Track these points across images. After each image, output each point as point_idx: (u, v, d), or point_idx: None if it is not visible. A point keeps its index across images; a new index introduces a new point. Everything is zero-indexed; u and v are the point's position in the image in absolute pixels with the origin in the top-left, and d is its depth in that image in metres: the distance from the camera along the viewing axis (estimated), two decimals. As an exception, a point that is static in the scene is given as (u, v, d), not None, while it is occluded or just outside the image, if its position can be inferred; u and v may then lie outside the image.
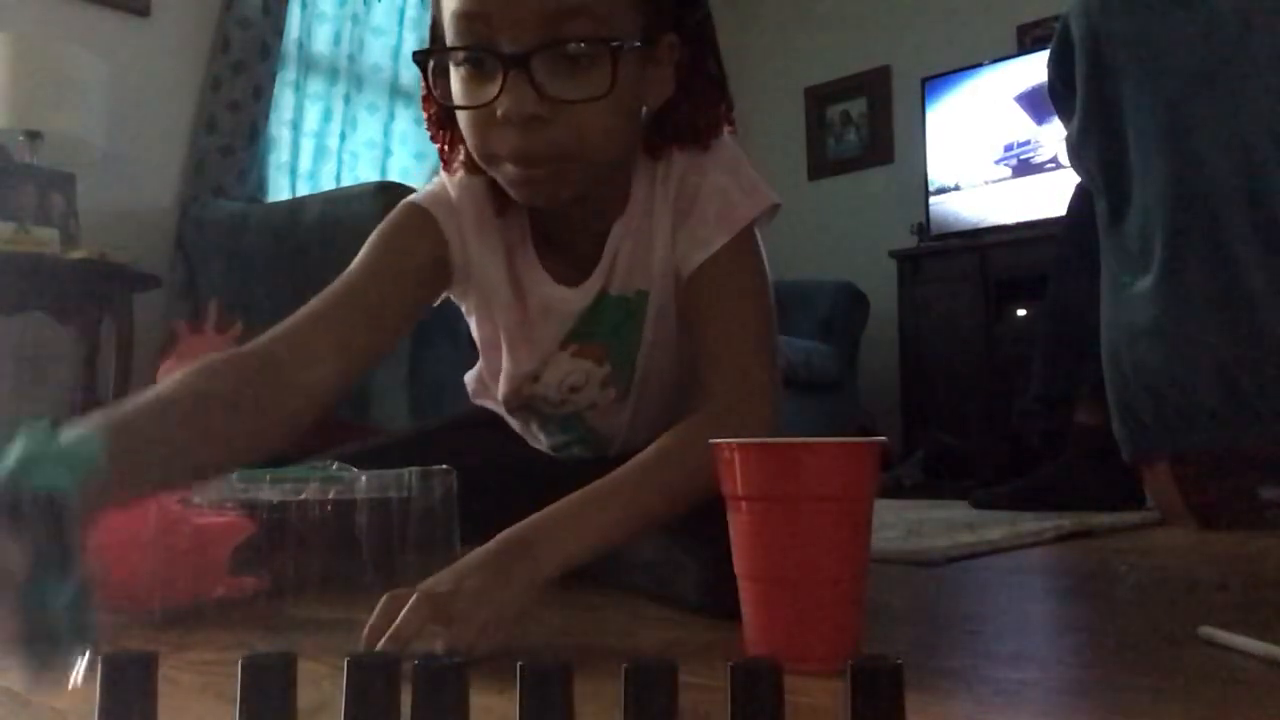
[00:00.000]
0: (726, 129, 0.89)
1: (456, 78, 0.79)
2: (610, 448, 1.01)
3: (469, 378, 1.11)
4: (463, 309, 1.00)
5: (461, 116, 0.80)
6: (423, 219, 0.89)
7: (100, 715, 0.35)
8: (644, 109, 0.85)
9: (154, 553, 0.76)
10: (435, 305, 0.96)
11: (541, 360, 0.95)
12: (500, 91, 0.74)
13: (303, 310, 0.82)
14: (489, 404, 1.09)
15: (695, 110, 0.87)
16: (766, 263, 0.89)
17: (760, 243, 0.89)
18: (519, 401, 1.01)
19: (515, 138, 0.75)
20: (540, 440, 1.07)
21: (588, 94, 0.74)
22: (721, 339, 0.84)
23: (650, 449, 0.77)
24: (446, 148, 0.90)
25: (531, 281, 0.92)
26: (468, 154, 0.85)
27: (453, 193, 0.90)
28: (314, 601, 0.84)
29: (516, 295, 0.92)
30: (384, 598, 0.62)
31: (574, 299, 0.91)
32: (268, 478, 0.87)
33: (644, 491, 0.74)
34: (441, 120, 0.88)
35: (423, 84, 0.86)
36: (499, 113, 0.74)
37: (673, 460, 0.76)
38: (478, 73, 0.76)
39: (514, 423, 1.07)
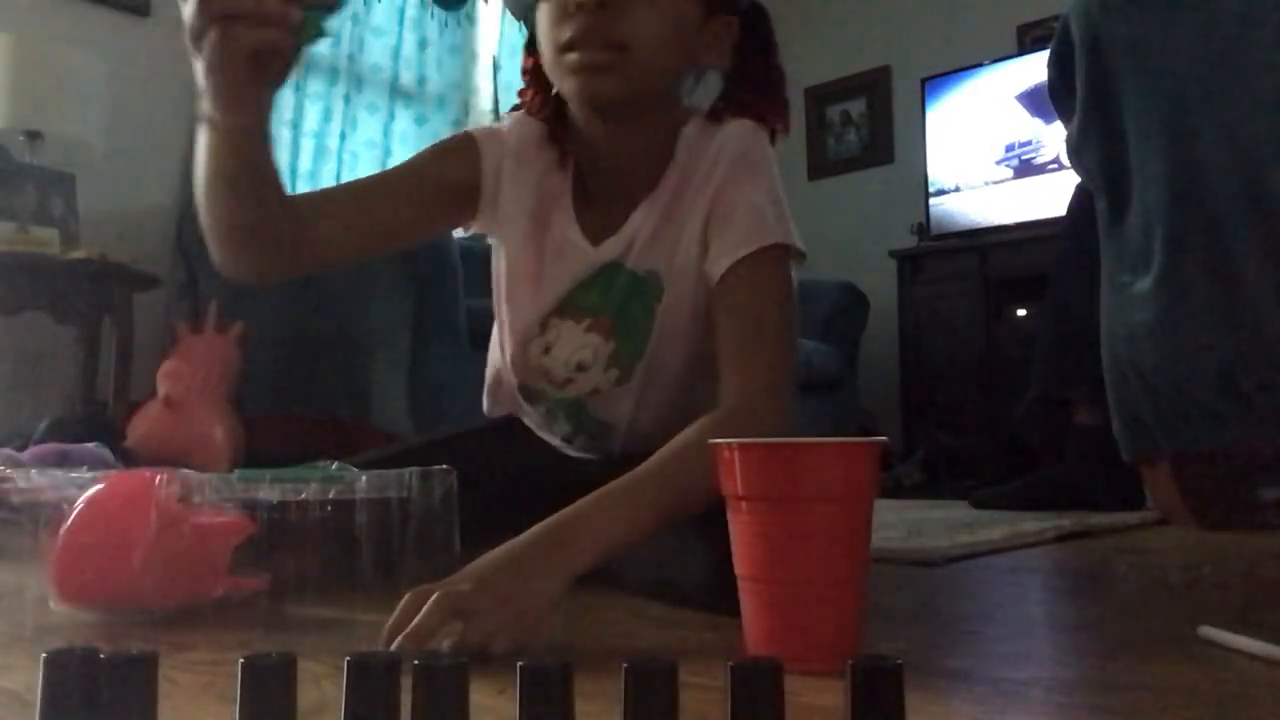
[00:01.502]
0: (778, 126, 0.99)
1: None
2: (614, 440, 1.02)
3: (485, 392, 1.13)
4: (492, 246, 1.06)
5: (542, 18, 0.91)
6: (466, 142, 1.00)
7: (100, 715, 0.35)
8: (694, 68, 0.97)
9: (154, 553, 0.76)
10: (466, 232, 1.04)
11: (546, 308, 0.99)
12: None
13: (329, 186, 0.96)
14: (506, 408, 1.10)
15: (752, 89, 0.98)
16: (795, 282, 0.93)
17: (791, 273, 0.94)
18: (527, 380, 1.03)
19: (584, 21, 0.86)
20: (550, 431, 1.08)
21: None
22: (743, 342, 0.87)
23: (667, 447, 0.79)
24: (536, 100, 1.00)
25: (558, 221, 0.99)
26: (542, 103, 0.99)
27: (506, 125, 1.01)
28: (314, 601, 0.84)
29: (536, 230, 0.99)
30: (407, 595, 0.63)
31: (591, 254, 0.97)
32: (268, 478, 0.87)
33: (665, 489, 0.75)
34: (540, 76, 0.97)
35: (524, 57, 1.02)
36: (572, 2, 0.86)
37: (691, 458, 0.76)
38: None
39: (527, 413, 1.08)
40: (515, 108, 1.04)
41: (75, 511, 0.78)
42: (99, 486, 0.81)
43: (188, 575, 0.79)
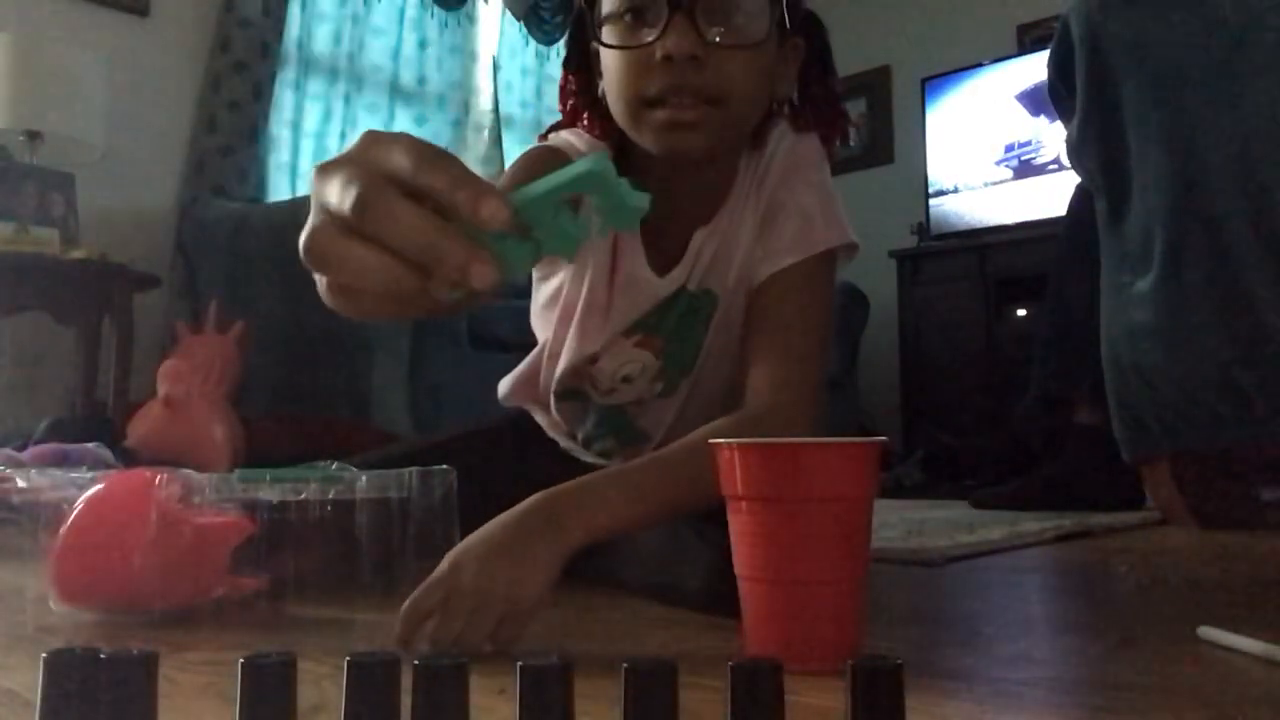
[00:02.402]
0: (838, 140, 0.97)
1: (613, 35, 0.85)
2: (645, 449, 1.02)
3: (505, 381, 1.11)
4: (537, 276, 1.02)
5: (615, 64, 0.86)
6: (555, 154, 0.92)
7: (100, 715, 0.35)
8: (770, 100, 0.92)
9: (154, 553, 0.76)
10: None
11: (607, 340, 0.97)
12: (663, 31, 0.80)
13: None
14: (523, 402, 1.10)
15: (815, 109, 0.96)
16: (833, 293, 0.93)
17: (834, 274, 0.93)
18: (570, 385, 1.01)
19: (672, 74, 0.81)
20: (574, 428, 1.07)
21: (744, 40, 0.83)
22: (770, 348, 0.87)
23: (681, 440, 0.80)
24: (595, 127, 0.94)
25: (627, 254, 0.95)
26: (604, 131, 0.92)
27: (580, 145, 0.93)
28: (314, 601, 0.84)
29: (612, 263, 0.95)
30: (404, 607, 0.63)
31: (658, 286, 0.95)
32: (268, 478, 0.87)
33: (665, 479, 0.76)
34: (592, 98, 0.92)
35: (562, 77, 0.96)
36: (659, 54, 0.81)
37: (700, 453, 0.76)
38: (638, 23, 0.83)
39: (550, 410, 1.07)
40: (556, 126, 0.98)
41: (75, 511, 0.78)
42: (99, 486, 0.81)
43: (188, 575, 0.79)
